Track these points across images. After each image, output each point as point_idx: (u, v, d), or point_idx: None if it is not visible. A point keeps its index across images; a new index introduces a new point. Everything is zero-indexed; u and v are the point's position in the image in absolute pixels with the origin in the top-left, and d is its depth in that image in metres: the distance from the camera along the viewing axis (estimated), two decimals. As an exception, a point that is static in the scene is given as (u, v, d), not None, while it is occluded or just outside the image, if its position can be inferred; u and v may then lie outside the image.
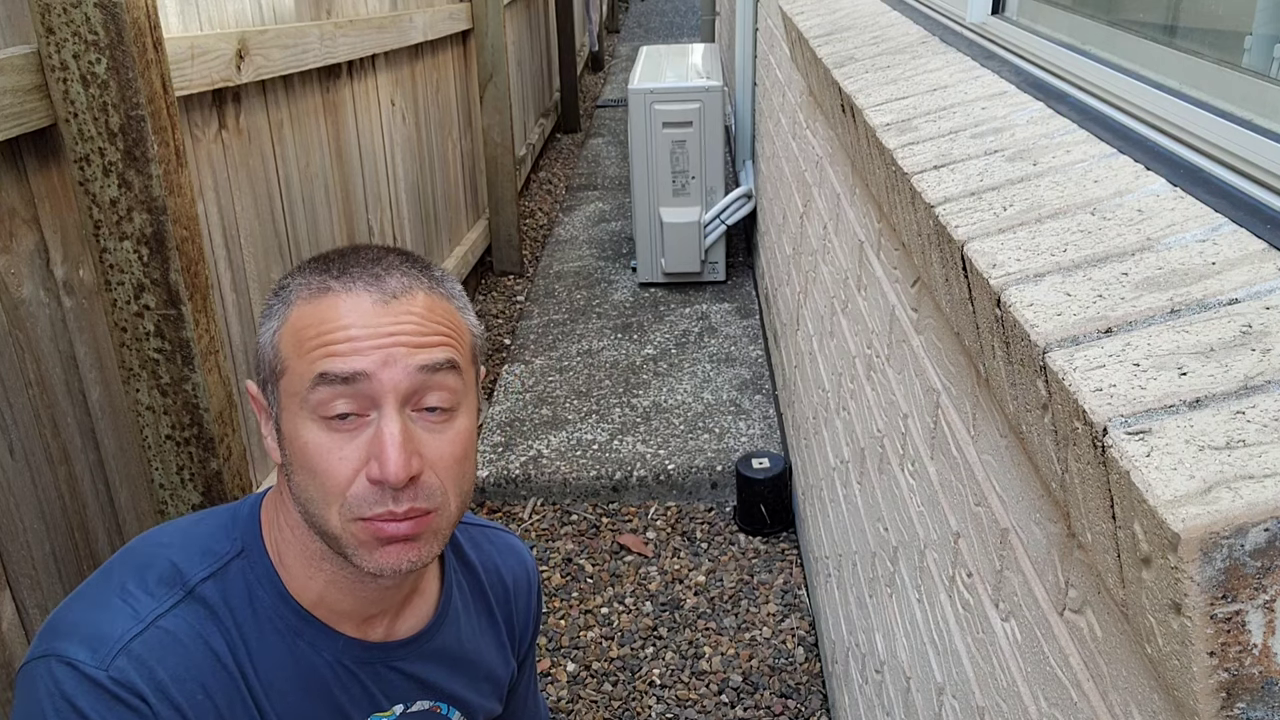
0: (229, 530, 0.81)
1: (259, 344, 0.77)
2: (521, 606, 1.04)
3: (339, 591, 0.81)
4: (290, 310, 0.75)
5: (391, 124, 2.92)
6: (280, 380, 0.74)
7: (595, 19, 9.15)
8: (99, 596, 0.75)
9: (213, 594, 0.77)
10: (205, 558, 0.78)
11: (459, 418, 0.76)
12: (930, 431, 1.13)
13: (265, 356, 0.76)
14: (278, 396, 0.75)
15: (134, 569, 0.77)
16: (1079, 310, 0.66)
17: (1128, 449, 0.52)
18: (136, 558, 0.78)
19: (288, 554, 0.80)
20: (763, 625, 2.29)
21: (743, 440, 2.91)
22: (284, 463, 0.76)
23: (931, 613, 1.14)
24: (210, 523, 0.82)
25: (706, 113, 3.82)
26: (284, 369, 0.74)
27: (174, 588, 0.76)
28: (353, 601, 0.82)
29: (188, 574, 0.77)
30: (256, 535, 0.80)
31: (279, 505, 0.81)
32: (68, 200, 1.34)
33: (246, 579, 0.79)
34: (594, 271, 4.31)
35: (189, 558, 0.78)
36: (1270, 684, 0.46)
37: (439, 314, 0.76)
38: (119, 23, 1.26)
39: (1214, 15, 0.95)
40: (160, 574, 0.76)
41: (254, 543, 0.80)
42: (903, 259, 1.27)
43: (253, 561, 0.79)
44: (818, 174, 2.15)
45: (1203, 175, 0.79)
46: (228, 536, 0.80)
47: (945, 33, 1.56)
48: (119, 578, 0.76)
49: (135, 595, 0.75)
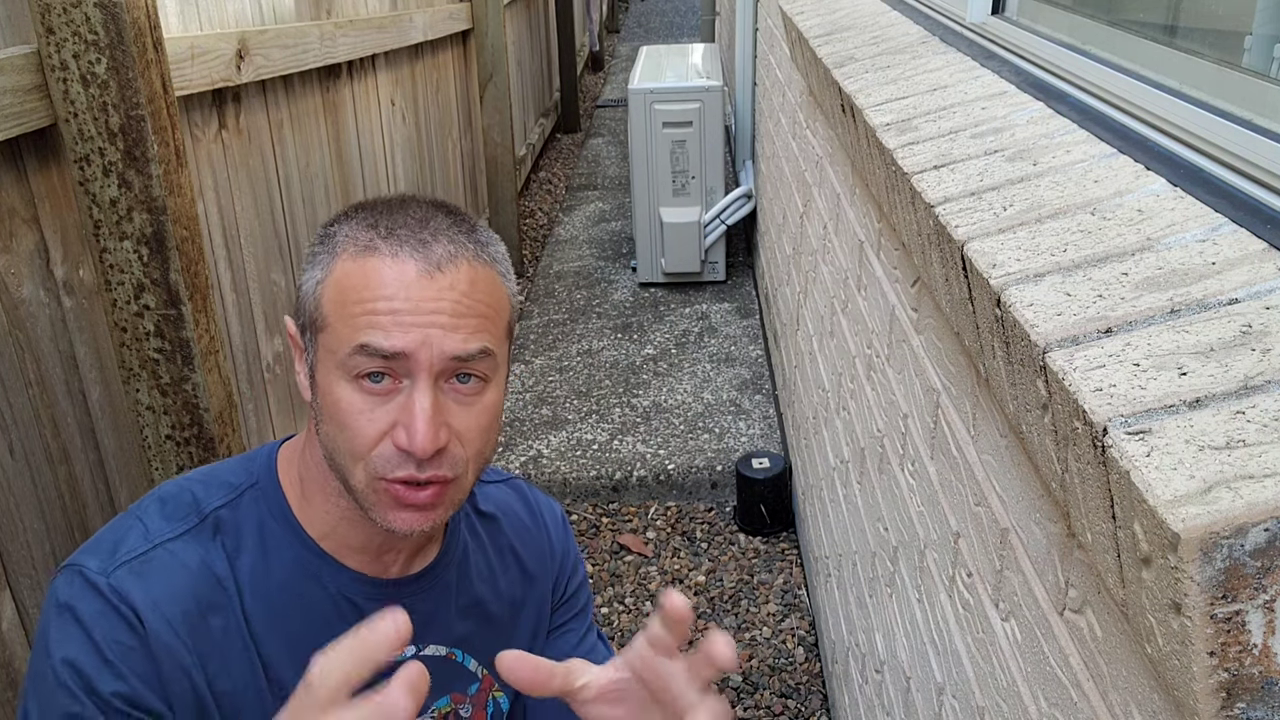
0: (246, 465, 0.85)
1: (301, 288, 0.79)
2: (553, 540, 1.05)
3: (350, 527, 0.83)
4: (335, 263, 0.76)
5: (391, 124, 2.92)
6: (320, 334, 0.76)
7: (595, 19, 9.15)
8: (123, 520, 0.81)
9: (224, 521, 0.81)
10: (221, 488, 0.83)
11: (489, 391, 0.78)
12: (930, 431, 1.13)
13: (306, 304, 0.78)
14: (315, 346, 0.77)
15: (158, 499, 0.82)
16: (1079, 310, 0.66)
17: (1128, 449, 0.52)
18: (163, 490, 0.83)
19: (308, 485, 0.83)
20: (763, 625, 2.29)
21: (743, 440, 2.91)
22: (313, 405, 0.79)
23: (931, 613, 1.14)
24: (233, 461, 0.87)
25: (706, 113, 3.82)
26: (324, 324, 0.76)
27: (189, 515, 0.80)
28: (363, 537, 0.84)
29: (203, 503, 0.81)
30: (271, 470, 0.84)
31: (308, 439, 0.84)
32: (68, 200, 1.34)
33: (258, 508, 0.82)
34: (594, 271, 4.31)
35: (208, 489, 0.82)
36: (1270, 684, 0.46)
37: (481, 288, 0.76)
38: (119, 23, 1.26)
39: (1214, 15, 0.95)
40: (179, 503, 0.81)
41: (268, 476, 0.84)
42: (903, 259, 1.26)
43: (266, 493, 0.83)
44: (818, 174, 2.15)
45: (1203, 175, 0.79)
46: (245, 470, 0.85)
47: (945, 33, 1.56)
48: (145, 505, 0.82)
49: (153, 519, 0.80)
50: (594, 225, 4.94)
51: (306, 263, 0.79)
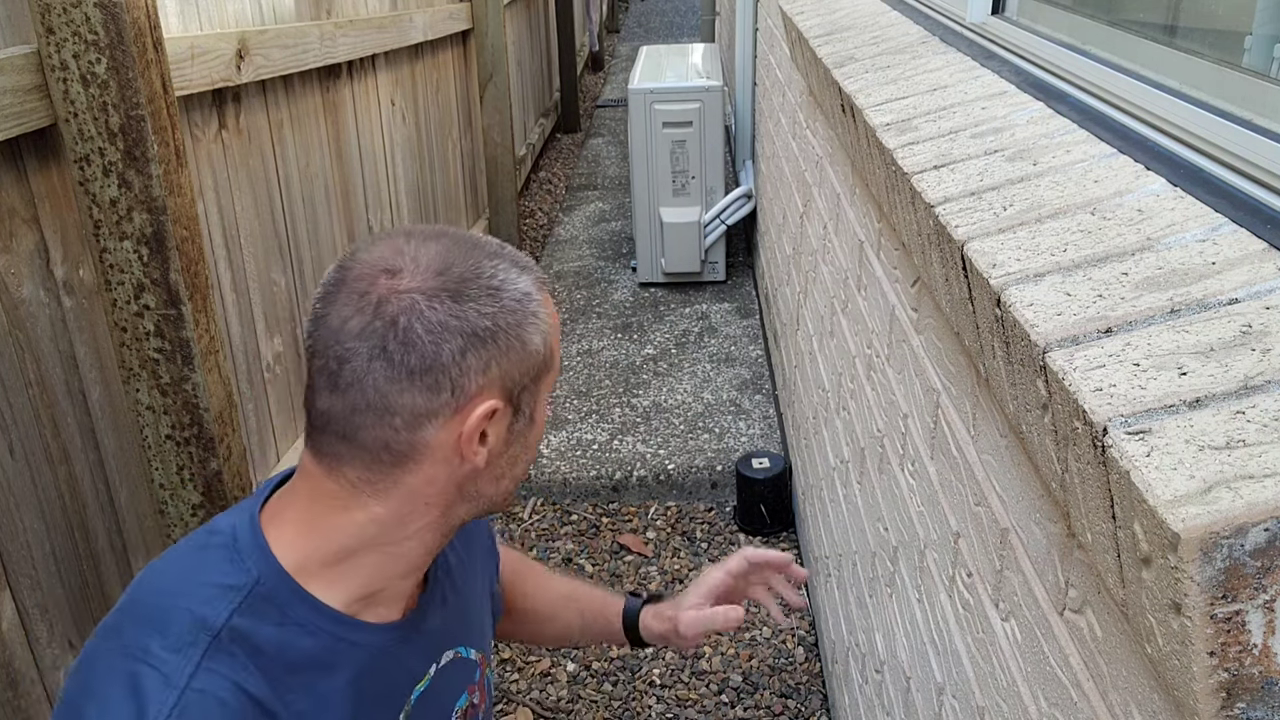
0: (236, 561, 0.76)
1: (527, 351, 0.75)
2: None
3: (404, 579, 0.81)
4: (544, 309, 0.78)
5: (391, 124, 2.92)
6: (545, 375, 0.79)
7: (595, 19, 9.15)
8: (119, 665, 0.69)
9: (240, 630, 0.72)
10: (222, 596, 0.73)
11: None
12: (930, 431, 1.13)
13: (535, 360, 0.76)
14: (535, 395, 0.78)
15: (150, 625, 0.71)
16: (1079, 310, 0.66)
17: (1128, 449, 0.52)
18: (148, 611, 0.73)
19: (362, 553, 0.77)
20: (763, 625, 2.29)
21: (743, 440, 2.91)
22: (505, 460, 0.79)
23: (931, 613, 1.14)
24: (214, 557, 0.76)
25: (706, 113, 3.82)
26: (551, 364, 0.79)
27: (199, 636, 0.70)
28: (409, 583, 0.83)
29: (210, 618, 0.71)
30: (268, 555, 0.76)
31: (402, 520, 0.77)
32: (68, 200, 1.34)
33: (274, 603, 0.74)
34: (594, 271, 4.31)
35: (206, 601, 0.72)
36: (1270, 684, 0.46)
37: None
38: (119, 23, 1.26)
39: (1214, 15, 0.95)
40: (180, 626, 0.71)
41: (268, 564, 0.76)
42: (903, 259, 1.26)
43: (274, 583, 0.75)
44: (818, 174, 2.15)
45: (1203, 175, 0.79)
46: (238, 568, 0.75)
47: (945, 33, 1.56)
48: (136, 639, 0.70)
49: (160, 656, 0.69)
50: (594, 225, 4.94)
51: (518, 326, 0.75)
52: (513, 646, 2.24)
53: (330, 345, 0.71)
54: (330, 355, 0.71)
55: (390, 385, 0.70)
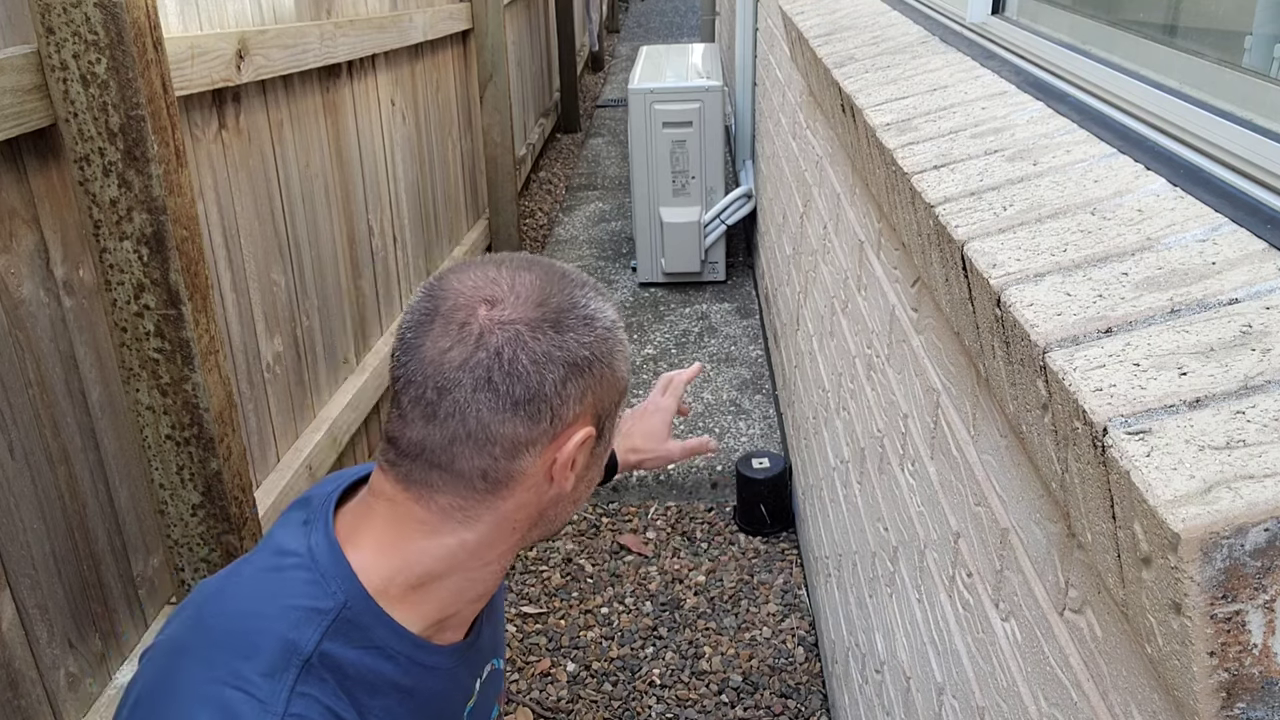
0: (320, 583, 0.75)
1: (616, 378, 0.78)
2: None
3: (477, 602, 0.82)
4: (625, 335, 0.80)
5: (391, 124, 2.92)
6: (623, 401, 0.81)
7: (595, 19, 9.15)
8: (210, 691, 0.68)
9: (330, 656, 0.72)
10: (310, 619, 0.72)
11: None
12: (930, 431, 1.13)
13: (620, 386, 0.79)
14: (614, 419, 0.80)
15: (236, 649, 0.70)
16: (1079, 310, 0.66)
17: (1128, 449, 0.52)
18: (231, 635, 0.72)
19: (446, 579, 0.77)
20: (763, 625, 2.29)
21: (743, 440, 2.91)
22: (578, 485, 0.80)
23: (931, 613, 1.14)
24: (295, 578, 0.75)
25: (706, 113, 3.82)
26: (625, 388, 0.80)
27: (291, 661, 0.70)
28: (479, 606, 0.83)
29: (300, 643, 0.71)
30: (352, 577, 0.75)
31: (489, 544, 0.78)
32: (68, 200, 1.34)
33: (359, 626, 0.74)
34: (594, 271, 4.31)
35: (295, 625, 0.71)
36: (1270, 684, 0.46)
37: None
38: (119, 23, 1.26)
39: (1214, 15, 0.95)
40: (271, 651, 0.70)
41: (353, 587, 0.75)
42: (903, 259, 1.26)
43: (360, 608, 0.74)
44: (818, 174, 2.15)
45: (1203, 175, 0.79)
46: (323, 591, 0.74)
47: (945, 33, 1.56)
48: (224, 662, 0.69)
49: (254, 682, 0.68)
50: (594, 225, 4.94)
51: (608, 355, 0.76)
52: (512, 647, 2.24)
53: (429, 376, 0.70)
54: (429, 385, 0.70)
55: (493, 415, 0.71)
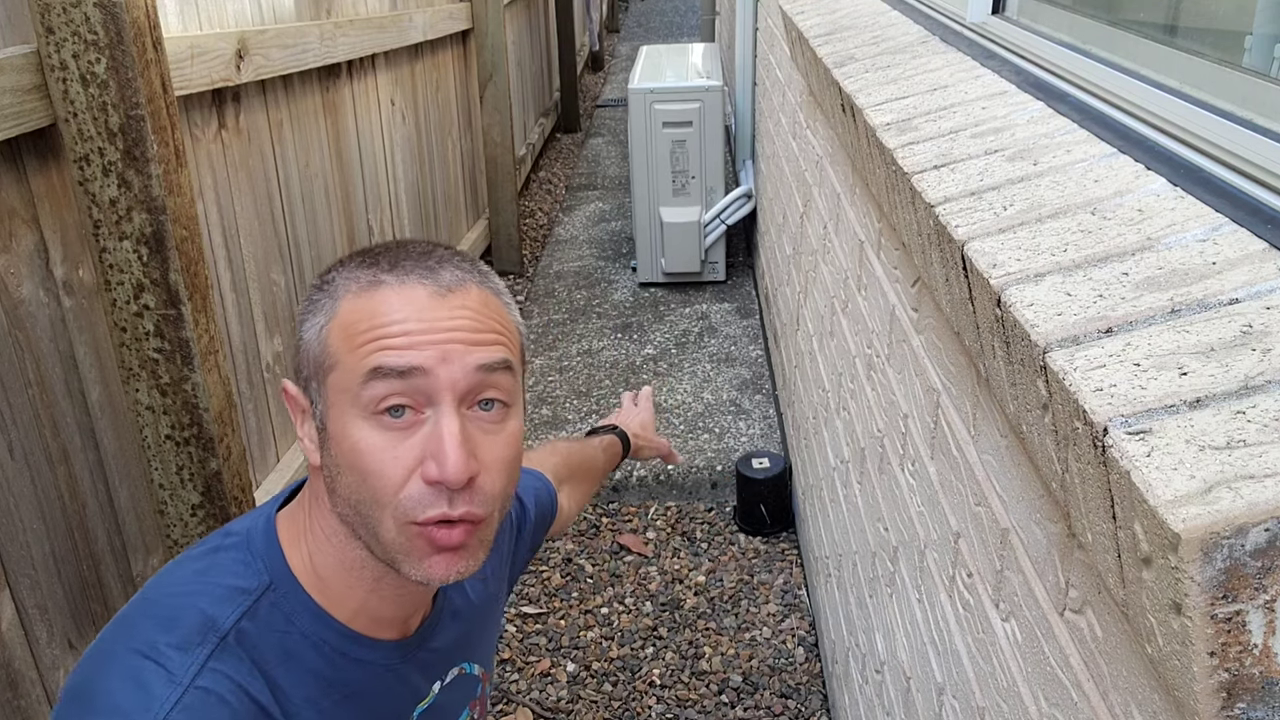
0: (249, 563, 0.76)
1: (301, 341, 0.74)
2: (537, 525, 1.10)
3: (380, 599, 0.78)
4: (339, 304, 0.72)
5: (391, 124, 2.92)
6: (328, 376, 0.72)
7: (595, 19, 9.15)
8: (127, 660, 0.69)
9: (248, 634, 0.72)
10: (232, 597, 0.73)
11: (511, 419, 0.74)
12: (930, 431, 1.13)
13: (311, 353, 0.73)
14: (324, 394, 0.72)
15: (160, 622, 0.71)
16: (1079, 310, 0.66)
17: (1128, 449, 0.52)
18: (159, 609, 0.73)
19: (323, 566, 0.76)
20: (763, 625, 2.29)
21: (743, 440, 2.91)
22: (325, 465, 0.73)
23: (931, 613, 1.14)
24: (227, 558, 0.76)
25: (706, 112, 3.82)
26: (334, 364, 0.71)
27: (207, 636, 0.70)
28: (395, 607, 0.80)
29: (219, 619, 0.71)
30: (280, 560, 0.76)
31: (311, 514, 0.77)
32: (67, 200, 1.34)
33: (282, 610, 0.74)
34: (594, 271, 4.31)
35: (216, 602, 0.72)
36: (1270, 684, 0.46)
37: (492, 310, 0.74)
38: (119, 23, 1.26)
39: (1214, 15, 0.95)
40: (189, 625, 0.71)
41: (280, 569, 0.76)
42: (903, 259, 1.26)
43: (284, 591, 0.75)
44: (818, 174, 2.15)
45: (1203, 175, 0.79)
46: (251, 570, 0.75)
47: (945, 32, 1.56)
48: (145, 634, 0.70)
49: (166, 654, 0.69)
50: (594, 225, 4.94)
51: (304, 313, 0.74)
52: (512, 647, 2.24)
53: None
54: None
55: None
